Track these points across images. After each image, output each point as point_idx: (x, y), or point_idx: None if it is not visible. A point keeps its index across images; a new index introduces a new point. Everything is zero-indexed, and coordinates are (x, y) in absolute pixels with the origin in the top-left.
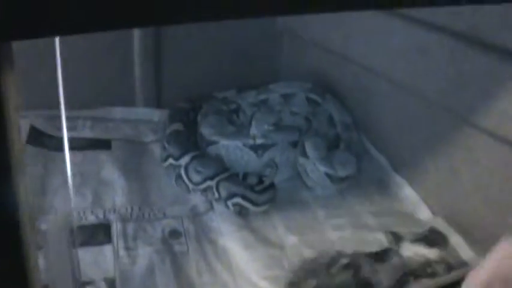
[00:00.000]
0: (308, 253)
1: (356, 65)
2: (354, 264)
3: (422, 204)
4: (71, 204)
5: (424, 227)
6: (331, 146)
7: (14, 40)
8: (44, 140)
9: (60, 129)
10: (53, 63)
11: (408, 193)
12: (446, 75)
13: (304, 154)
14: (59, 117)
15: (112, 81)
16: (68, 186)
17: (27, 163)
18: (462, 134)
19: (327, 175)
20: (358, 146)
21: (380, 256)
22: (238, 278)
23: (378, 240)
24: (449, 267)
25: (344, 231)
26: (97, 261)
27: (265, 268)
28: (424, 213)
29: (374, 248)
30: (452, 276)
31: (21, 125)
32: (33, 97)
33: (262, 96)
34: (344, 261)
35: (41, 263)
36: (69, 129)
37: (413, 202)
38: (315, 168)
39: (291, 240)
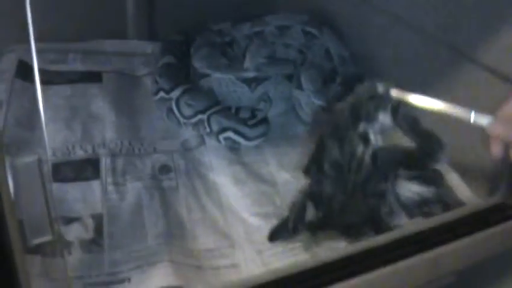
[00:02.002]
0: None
1: None
2: None
3: None
4: (46, 143)
5: None
6: (328, 80)
7: None
8: (33, 74)
9: (50, 62)
10: None
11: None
12: (445, 8)
13: (300, 86)
14: (48, 50)
15: (104, 13)
16: (57, 120)
17: (14, 98)
18: (462, 70)
19: (322, 108)
20: (354, 79)
21: None
22: (229, 214)
23: None
24: (446, 207)
25: None
26: (85, 197)
27: (256, 205)
28: None
29: None
30: (448, 216)
31: (9, 59)
32: (21, 30)
33: (257, 28)
34: None
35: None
36: (59, 62)
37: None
38: (309, 101)
39: (283, 176)
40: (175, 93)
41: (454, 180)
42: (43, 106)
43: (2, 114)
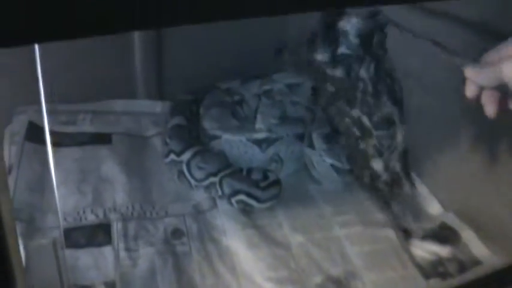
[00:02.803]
0: (315, 252)
1: None
2: None
3: (432, 198)
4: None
5: (434, 223)
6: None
7: None
8: (43, 136)
9: (60, 124)
10: (51, 57)
11: (418, 187)
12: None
13: (311, 145)
14: (58, 111)
15: (112, 73)
16: (68, 184)
17: (25, 161)
18: (474, 124)
19: (333, 167)
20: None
21: None
22: (242, 280)
23: (387, 238)
24: (462, 266)
25: (352, 228)
26: (97, 263)
27: (270, 269)
28: (435, 208)
29: (383, 246)
30: (466, 277)
31: (19, 121)
32: (31, 92)
33: (266, 87)
34: None
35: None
36: (69, 123)
37: (424, 197)
38: (321, 159)
39: (297, 239)
40: (186, 156)
41: (469, 237)
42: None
43: (13, 178)
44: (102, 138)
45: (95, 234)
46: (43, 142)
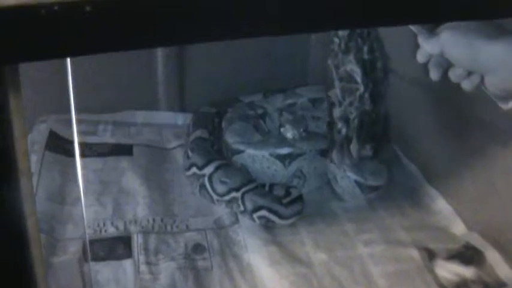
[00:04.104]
0: (338, 271)
1: (390, 70)
2: None
3: (456, 218)
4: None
5: (458, 243)
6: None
7: (18, 63)
8: (64, 146)
9: (81, 134)
10: (73, 65)
11: (441, 206)
12: None
13: (334, 161)
14: (81, 121)
15: (134, 84)
16: (88, 195)
17: (45, 170)
18: (500, 143)
19: (357, 183)
20: (388, 153)
21: None
22: None
23: (411, 257)
24: None
25: (375, 247)
26: (117, 277)
27: (293, 287)
28: (459, 228)
29: (407, 266)
30: None
31: (40, 130)
32: (52, 101)
33: (290, 101)
34: None
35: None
36: (90, 134)
37: (447, 216)
38: (345, 175)
39: (320, 257)
40: (208, 170)
41: (494, 258)
42: (73, 180)
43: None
44: (123, 150)
45: (115, 247)
46: (63, 152)
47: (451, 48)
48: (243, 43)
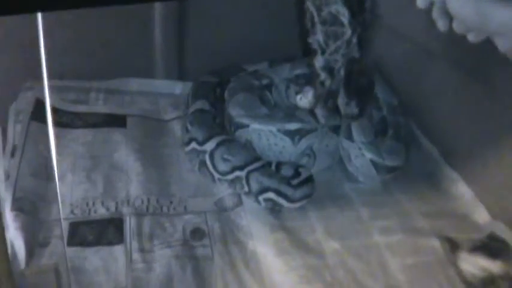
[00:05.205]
0: (352, 263)
1: (408, 41)
2: None
3: (479, 204)
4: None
5: (482, 233)
6: (377, 131)
7: None
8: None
9: (70, 102)
10: (62, 28)
11: (463, 191)
12: None
13: (349, 137)
14: (70, 88)
15: (129, 49)
16: (76, 171)
17: (30, 143)
18: None
19: (373, 162)
20: (405, 132)
21: None
22: None
23: (432, 248)
24: None
25: (393, 235)
26: (106, 266)
27: (303, 281)
28: (482, 216)
29: (427, 259)
30: None
31: (26, 98)
32: (40, 66)
33: (298, 71)
34: None
35: None
36: (80, 102)
37: (469, 201)
38: (359, 153)
39: (332, 245)
40: (209, 145)
41: None
42: (61, 153)
43: (16, 161)
44: (115, 120)
45: (105, 231)
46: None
47: (457, 7)
48: (249, 5)
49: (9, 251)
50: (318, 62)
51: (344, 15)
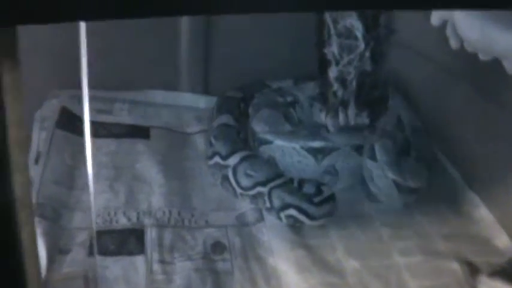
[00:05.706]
0: (372, 283)
1: (432, 63)
2: None
3: (499, 228)
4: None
5: (502, 257)
6: (400, 152)
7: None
8: (76, 124)
9: (95, 112)
10: (89, 38)
11: (484, 214)
12: None
13: (373, 157)
14: (95, 98)
15: (155, 61)
16: (99, 180)
17: (54, 150)
18: None
19: (395, 183)
20: (428, 154)
21: None
22: None
23: (452, 271)
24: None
25: (413, 256)
26: (127, 276)
27: None
28: (502, 240)
29: (447, 282)
30: None
31: (51, 106)
32: (66, 74)
33: (321, 90)
34: None
35: None
36: (104, 112)
37: (489, 225)
38: (382, 174)
39: (352, 264)
40: (232, 160)
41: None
42: (84, 162)
43: (39, 168)
44: (139, 132)
45: (127, 241)
46: (75, 130)
47: (465, 29)
48: (275, 23)
49: None
50: (332, 72)
51: (358, 29)
